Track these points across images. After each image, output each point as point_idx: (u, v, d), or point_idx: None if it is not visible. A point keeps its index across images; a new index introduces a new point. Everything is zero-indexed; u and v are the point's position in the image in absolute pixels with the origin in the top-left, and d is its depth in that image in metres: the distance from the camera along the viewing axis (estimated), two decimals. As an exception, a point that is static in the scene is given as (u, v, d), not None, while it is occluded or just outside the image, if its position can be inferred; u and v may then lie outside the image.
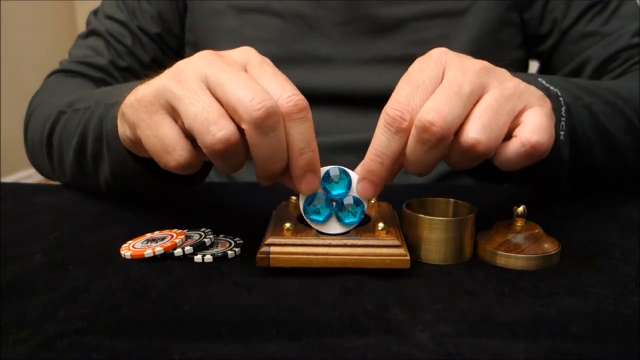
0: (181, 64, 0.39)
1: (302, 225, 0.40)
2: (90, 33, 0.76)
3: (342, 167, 0.41)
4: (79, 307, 0.34)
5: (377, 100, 0.42)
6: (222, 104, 0.36)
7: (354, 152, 0.51)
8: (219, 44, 0.70)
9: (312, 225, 0.40)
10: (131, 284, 0.37)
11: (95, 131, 0.51)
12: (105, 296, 0.35)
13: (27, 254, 0.42)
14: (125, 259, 0.41)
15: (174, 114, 0.37)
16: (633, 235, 0.46)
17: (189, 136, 0.37)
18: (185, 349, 0.29)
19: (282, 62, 0.39)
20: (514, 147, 0.38)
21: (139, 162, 0.47)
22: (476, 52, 0.42)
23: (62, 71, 0.74)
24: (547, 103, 0.40)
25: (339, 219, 0.40)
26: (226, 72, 0.36)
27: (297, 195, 0.41)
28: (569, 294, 0.36)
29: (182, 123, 0.37)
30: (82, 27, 0.79)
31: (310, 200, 0.40)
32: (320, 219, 0.40)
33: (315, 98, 0.52)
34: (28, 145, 0.68)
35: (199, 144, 0.36)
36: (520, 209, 0.41)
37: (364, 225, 0.40)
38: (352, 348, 0.29)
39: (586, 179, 0.56)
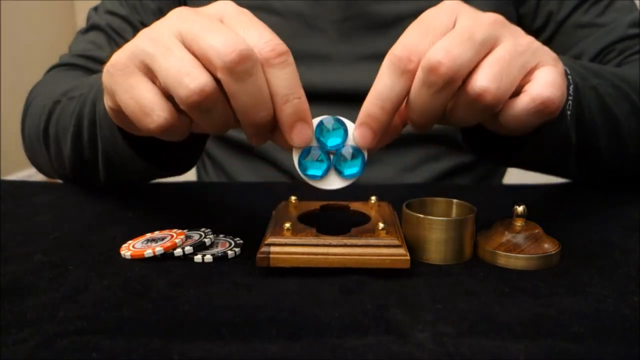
0: (155, 24, 0.37)
1: (302, 225, 0.40)
2: (91, 28, 0.75)
3: (336, 115, 0.38)
4: (79, 307, 0.34)
5: None
6: (198, 58, 0.35)
7: None
8: None
9: (310, 182, 0.38)
10: (131, 284, 0.37)
11: (90, 114, 0.50)
12: (105, 296, 0.35)
13: (27, 254, 0.42)
14: (125, 259, 0.41)
15: (151, 74, 0.36)
16: (633, 235, 0.46)
17: (171, 98, 0.36)
18: (185, 349, 0.29)
19: None
20: (523, 102, 0.36)
21: (134, 149, 0.46)
22: None
23: (62, 65, 0.73)
24: (560, 64, 0.39)
25: (339, 172, 0.38)
26: (200, 23, 0.35)
27: (296, 196, 0.40)
28: (569, 294, 0.36)
29: (160, 83, 0.35)
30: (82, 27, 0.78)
31: (305, 154, 0.37)
32: (319, 173, 0.37)
33: (314, 95, 0.52)
34: (25, 139, 0.67)
35: (176, 100, 0.35)
36: (520, 209, 0.41)
37: (364, 225, 0.40)
38: (352, 348, 0.29)
39: (590, 163, 0.54)
